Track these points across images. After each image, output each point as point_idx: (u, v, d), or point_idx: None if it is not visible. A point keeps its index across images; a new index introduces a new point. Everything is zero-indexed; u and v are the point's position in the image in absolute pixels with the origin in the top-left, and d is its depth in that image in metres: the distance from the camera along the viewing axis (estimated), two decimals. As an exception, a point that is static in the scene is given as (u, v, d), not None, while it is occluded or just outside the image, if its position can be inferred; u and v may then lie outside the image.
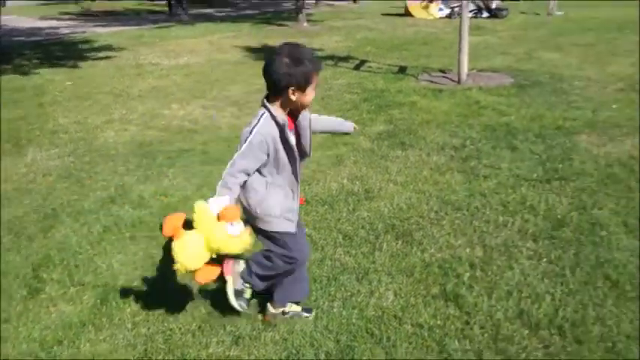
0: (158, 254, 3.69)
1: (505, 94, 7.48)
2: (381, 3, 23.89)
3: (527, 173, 4.83)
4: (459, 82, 8.20)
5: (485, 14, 17.34)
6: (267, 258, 2.81)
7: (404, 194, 4.49)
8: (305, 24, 15.98)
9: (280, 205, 2.73)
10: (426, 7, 18.44)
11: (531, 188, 4.54)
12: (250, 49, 12.17)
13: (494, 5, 17.35)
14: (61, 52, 12.46)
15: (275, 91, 2.60)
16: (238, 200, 2.67)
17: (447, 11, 17.81)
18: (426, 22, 16.77)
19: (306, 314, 3.00)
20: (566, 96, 7.33)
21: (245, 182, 2.66)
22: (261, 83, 2.65)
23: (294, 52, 2.57)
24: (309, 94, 2.62)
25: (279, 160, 2.66)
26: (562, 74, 8.64)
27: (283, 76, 2.53)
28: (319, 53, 11.35)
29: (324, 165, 5.19)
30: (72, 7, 23.74)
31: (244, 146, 2.58)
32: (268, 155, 2.62)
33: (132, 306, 3.14)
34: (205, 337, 2.87)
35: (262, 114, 2.61)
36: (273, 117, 2.59)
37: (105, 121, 6.93)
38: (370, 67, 9.69)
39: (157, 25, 17.26)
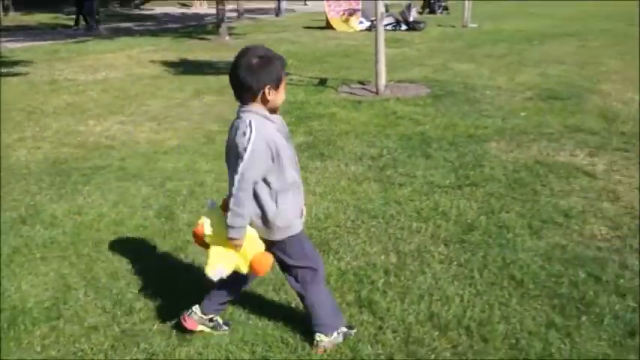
0: (70, 274, 3.60)
1: (421, 104, 7.72)
2: (303, 16, 24.18)
3: (440, 180, 5.01)
4: (377, 93, 8.40)
5: (403, 27, 17.82)
6: (301, 271, 2.78)
7: (322, 204, 4.56)
8: (227, 37, 15.93)
9: (293, 207, 2.69)
10: (347, 21, 18.77)
11: (444, 195, 4.71)
12: (170, 64, 12.03)
13: (411, 18, 17.86)
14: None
15: (252, 93, 2.54)
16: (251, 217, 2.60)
17: (368, 24, 18.17)
18: (347, 35, 17.06)
19: (225, 327, 3.00)
20: (478, 105, 7.64)
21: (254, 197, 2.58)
22: (180, 97, 2.73)
23: (261, 52, 2.56)
24: (282, 93, 2.61)
25: (282, 161, 2.58)
26: (475, 84, 9.00)
27: (259, 76, 2.51)
28: (241, 66, 11.35)
29: (244, 178, 5.19)
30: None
31: (247, 156, 2.46)
32: (273, 160, 2.55)
33: (42, 328, 3.05)
34: (118, 356, 2.83)
35: (249, 120, 2.51)
36: (265, 117, 2.56)
37: (17, 139, 6.68)
38: (291, 79, 9.77)
39: (74, 40, 16.78)
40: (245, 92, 2.55)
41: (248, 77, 2.51)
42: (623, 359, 2.73)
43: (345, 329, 2.91)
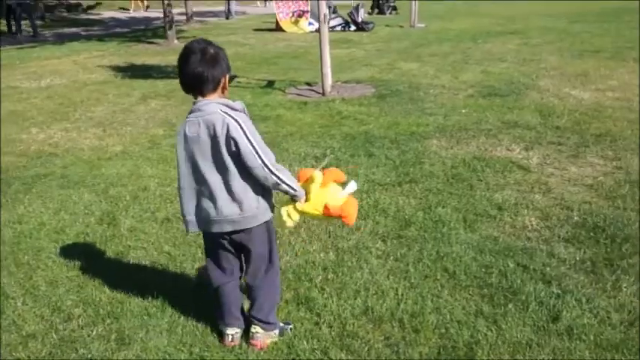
0: (9, 283, 3.58)
1: (366, 104, 7.85)
2: (253, 18, 24.15)
3: (381, 178, 5.13)
4: (323, 94, 8.50)
5: (352, 28, 18.00)
6: (271, 265, 2.84)
7: (264, 205, 4.61)
8: (175, 41, 15.81)
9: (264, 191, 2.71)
10: (296, 22, 18.86)
11: (384, 192, 4.83)
12: (117, 68, 11.90)
13: (360, 19, 18.05)
14: None
15: (214, 84, 2.57)
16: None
17: (317, 25, 18.27)
18: (297, 37, 17.14)
19: (289, 325, 3.02)
20: (421, 103, 7.81)
21: (235, 183, 2.58)
22: (127, 102, 2.76)
23: (208, 43, 2.61)
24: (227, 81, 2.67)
25: None
26: (419, 83, 9.18)
27: (219, 66, 2.57)
28: (189, 70, 11.31)
29: (188, 182, 5.21)
30: None
31: (256, 138, 2.55)
32: None
33: (-23, 339, 3.04)
34: (55, 363, 2.84)
35: (222, 110, 2.53)
36: (231, 106, 2.58)
37: (-44, 150, 6.56)
38: (239, 82, 9.79)
39: (18, 46, 16.43)
40: (205, 84, 2.57)
41: (208, 69, 2.55)
42: (546, 343, 2.88)
43: (281, 324, 2.98)
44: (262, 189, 2.68)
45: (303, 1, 19.45)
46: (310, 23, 18.59)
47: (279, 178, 2.61)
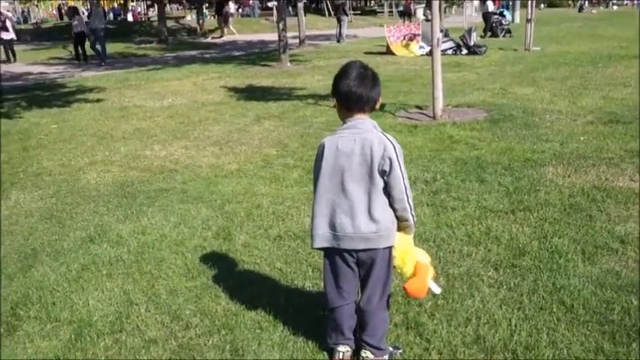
0: (133, 290, 3.81)
1: (478, 129, 7.72)
2: (364, 42, 24.44)
3: (493, 205, 5.01)
4: (434, 117, 8.45)
5: (464, 51, 17.79)
6: (386, 290, 2.89)
7: (374, 227, 4.64)
8: (288, 64, 16.33)
9: None
10: (407, 46, 18.91)
11: (496, 219, 4.72)
12: (233, 89, 12.45)
13: (472, 42, 17.81)
14: (48, 96, 12.69)
15: (372, 104, 2.72)
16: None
17: (428, 49, 18.22)
18: (407, 60, 17.18)
19: (399, 349, 3.05)
20: (536, 129, 7.58)
21: (378, 202, 2.69)
22: (242, 123, 2.90)
23: (367, 65, 2.74)
24: None
25: None
26: (534, 108, 8.92)
27: (379, 87, 2.72)
28: (301, 92, 11.65)
29: (299, 201, 5.34)
30: (61, 52, 24.12)
31: (403, 168, 2.70)
32: None
33: (106, 340, 3.26)
34: (175, 369, 2.99)
35: (377, 130, 2.70)
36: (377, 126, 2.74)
37: (88, 163, 7.09)
38: (350, 104, 9.92)
39: (143, 68, 17.56)
40: (368, 103, 2.70)
41: (373, 89, 2.68)
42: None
43: (391, 349, 2.98)
44: (393, 213, 2.74)
45: (415, 25, 19.47)
46: (421, 47, 18.59)
47: (410, 206, 2.73)
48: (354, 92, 2.66)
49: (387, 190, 2.67)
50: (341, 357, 2.94)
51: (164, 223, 5.00)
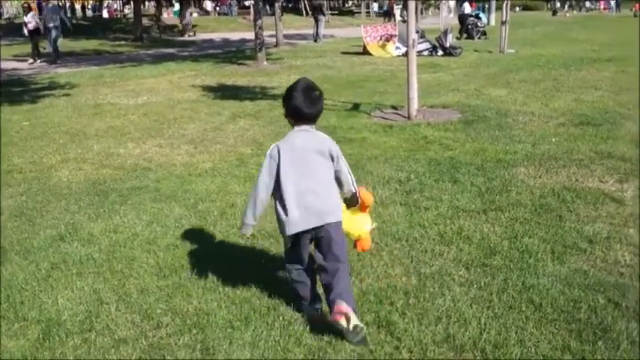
0: (104, 289, 3.77)
1: (452, 129, 7.79)
2: (341, 42, 24.49)
3: (466, 205, 5.06)
4: (409, 118, 8.50)
5: (440, 52, 17.92)
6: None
7: (347, 227, 4.66)
8: (265, 63, 16.29)
9: None
10: (384, 46, 19.00)
11: (468, 219, 4.77)
12: (209, 88, 12.39)
13: (448, 44, 17.95)
14: (20, 93, 12.49)
15: (317, 119, 3.36)
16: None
17: (404, 49, 18.32)
18: (384, 60, 17.25)
19: None
20: (509, 130, 7.67)
21: (333, 185, 3.30)
22: (217, 121, 2.92)
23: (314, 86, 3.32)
24: None
25: None
26: (508, 109, 9.02)
27: (323, 104, 3.37)
28: (276, 91, 11.62)
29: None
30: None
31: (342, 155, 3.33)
32: None
33: (75, 339, 3.22)
34: None
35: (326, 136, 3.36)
36: None
37: (60, 161, 7.00)
38: (325, 104, 9.80)
39: (118, 65, 17.39)
40: (312, 119, 3.31)
41: (318, 106, 3.30)
42: (638, 384, 2.75)
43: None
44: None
45: (392, 26, 19.57)
46: (397, 47, 18.69)
47: (353, 182, 3.39)
48: (304, 111, 3.23)
49: (337, 175, 3.29)
50: (320, 311, 3.36)
51: (136, 221, 4.96)
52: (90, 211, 5.27)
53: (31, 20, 19.44)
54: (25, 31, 19.73)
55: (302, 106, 3.22)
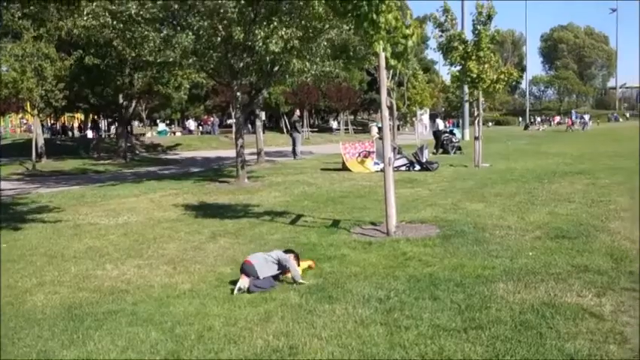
0: None
1: (430, 245, 7.86)
2: (320, 158, 25.08)
3: (446, 323, 5.03)
4: (387, 234, 8.58)
5: (417, 167, 18.39)
6: None
7: (327, 349, 4.59)
8: (246, 180, 16.55)
9: None
10: (362, 162, 19.47)
11: (449, 338, 4.72)
12: (190, 206, 12.48)
13: (424, 159, 18.47)
14: (-1, 214, 12.48)
15: None
16: None
17: (382, 165, 18.78)
18: (363, 176, 17.61)
19: None
20: (487, 245, 7.75)
21: None
22: (197, 240, 2.87)
23: None
24: None
25: None
26: (485, 224, 9.16)
27: None
28: (257, 209, 11.75)
29: (252, 322, 5.27)
30: (19, 167, 23.98)
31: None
32: None
33: None
34: None
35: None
36: None
37: (36, 284, 6.89)
38: (306, 221, 10.05)
39: (101, 184, 17.55)
40: None
41: None
42: None
43: None
44: None
45: (370, 142, 20.19)
46: (376, 163, 19.14)
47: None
48: None
49: None
50: None
51: (111, 347, 4.84)
52: (63, 337, 5.13)
53: None
54: None
55: None
